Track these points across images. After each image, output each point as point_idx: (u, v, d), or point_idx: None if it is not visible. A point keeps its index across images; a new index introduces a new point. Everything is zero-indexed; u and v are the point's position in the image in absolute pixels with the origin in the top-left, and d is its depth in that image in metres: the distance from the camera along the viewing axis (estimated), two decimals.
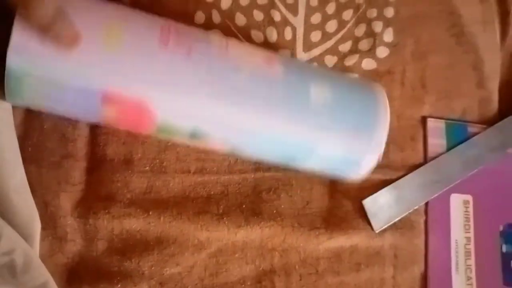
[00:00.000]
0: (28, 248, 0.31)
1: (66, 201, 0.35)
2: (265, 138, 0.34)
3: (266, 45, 0.41)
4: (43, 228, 0.34)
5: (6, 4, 0.27)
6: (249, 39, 0.41)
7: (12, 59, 0.28)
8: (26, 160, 0.34)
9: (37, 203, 0.33)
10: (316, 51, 0.42)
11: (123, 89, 0.30)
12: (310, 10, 0.43)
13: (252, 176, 0.39)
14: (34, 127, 0.36)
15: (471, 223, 0.43)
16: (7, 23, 0.28)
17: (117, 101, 0.30)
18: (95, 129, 0.37)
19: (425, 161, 0.43)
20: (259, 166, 0.40)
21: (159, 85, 0.31)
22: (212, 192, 0.38)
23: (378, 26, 0.44)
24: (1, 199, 0.31)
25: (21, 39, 0.28)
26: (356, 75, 0.42)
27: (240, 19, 0.41)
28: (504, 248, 0.42)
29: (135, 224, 0.36)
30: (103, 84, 0.30)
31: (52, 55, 0.28)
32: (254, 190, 0.39)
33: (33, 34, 0.28)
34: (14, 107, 0.34)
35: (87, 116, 0.33)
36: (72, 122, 0.36)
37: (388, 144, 0.42)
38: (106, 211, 0.36)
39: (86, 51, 0.29)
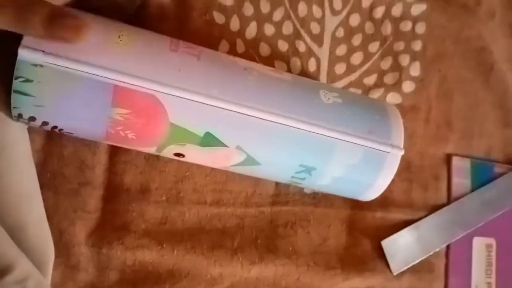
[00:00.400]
0: (41, 277, 0.31)
1: (81, 229, 0.35)
2: (280, 142, 0.32)
3: None
4: (56, 256, 0.33)
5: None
6: None
7: (23, 53, 0.27)
8: (44, 186, 0.34)
9: (52, 231, 0.33)
10: (340, 84, 0.42)
11: (134, 88, 0.29)
12: (335, 42, 0.42)
13: (269, 209, 0.39)
14: (53, 154, 0.36)
15: (493, 268, 0.41)
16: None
17: (128, 101, 0.29)
18: (113, 157, 0.37)
19: (449, 201, 0.42)
20: (276, 200, 0.39)
21: (170, 85, 0.30)
22: (227, 225, 0.38)
23: (404, 60, 0.43)
24: (19, 228, 0.31)
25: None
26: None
27: (265, 49, 0.41)
28: None
29: (148, 256, 0.36)
30: (113, 81, 0.29)
31: (64, 52, 0.28)
32: (271, 225, 0.38)
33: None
34: (33, 132, 0.34)
35: (96, 123, 0.31)
36: (92, 149, 0.36)
37: (410, 182, 0.41)
38: (120, 241, 0.35)
39: (97, 48, 0.29)
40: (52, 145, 0.36)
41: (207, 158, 0.33)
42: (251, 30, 0.41)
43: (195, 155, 0.33)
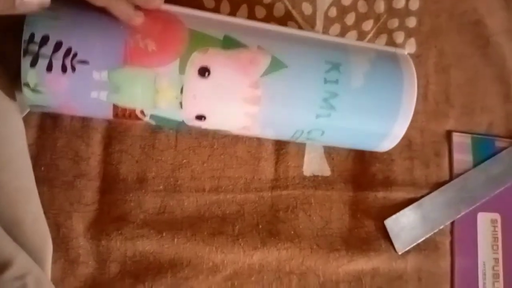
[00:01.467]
0: (41, 272, 0.30)
1: (79, 222, 0.35)
2: (298, 41, 0.33)
3: None
4: (55, 250, 0.33)
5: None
6: None
7: None
8: (39, 180, 0.33)
9: (49, 225, 0.33)
10: None
11: None
12: (328, 21, 0.41)
13: (269, 194, 0.38)
14: (46, 147, 0.35)
15: (499, 243, 0.41)
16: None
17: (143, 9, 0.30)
18: (108, 147, 0.36)
19: (451, 178, 0.41)
20: (276, 184, 0.38)
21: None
22: (227, 212, 0.37)
23: (399, 37, 0.42)
24: (16, 224, 0.30)
25: None
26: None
27: None
28: None
29: (148, 245, 0.35)
30: None
31: None
32: (271, 209, 0.38)
33: None
34: (26, 126, 0.33)
35: (114, 33, 0.30)
36: (86, 140, 0.35)
37: (412, 160, 0.40)
38: (119, 232, 0.35)
39: None
40: (44, 138, 0.35)
41: (234, 66, 0.32)
42: (242, 14, 0.40)
43: (221, 64, 0.31)
